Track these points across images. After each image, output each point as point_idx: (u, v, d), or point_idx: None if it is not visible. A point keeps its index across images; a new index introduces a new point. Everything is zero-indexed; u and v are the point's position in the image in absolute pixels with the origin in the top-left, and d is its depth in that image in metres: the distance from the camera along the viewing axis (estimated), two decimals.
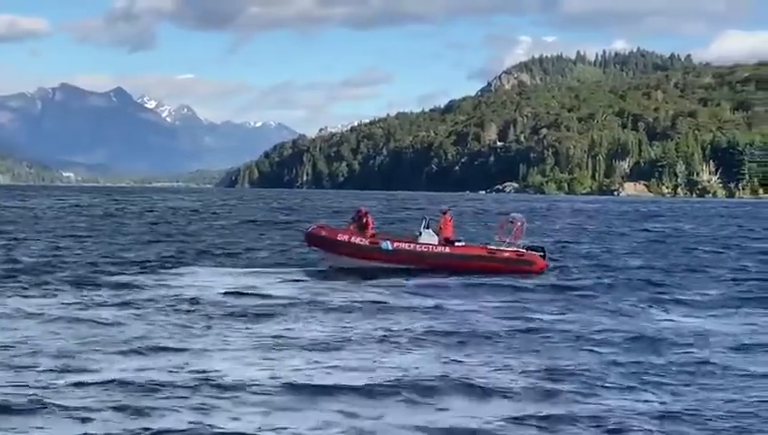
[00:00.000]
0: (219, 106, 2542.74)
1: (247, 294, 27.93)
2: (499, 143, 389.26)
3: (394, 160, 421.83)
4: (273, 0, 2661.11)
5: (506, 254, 36.22)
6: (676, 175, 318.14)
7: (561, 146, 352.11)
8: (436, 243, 36.20)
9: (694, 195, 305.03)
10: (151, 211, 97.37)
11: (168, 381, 15.87)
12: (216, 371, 16.76)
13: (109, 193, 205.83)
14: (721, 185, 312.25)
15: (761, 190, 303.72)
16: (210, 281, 31.25)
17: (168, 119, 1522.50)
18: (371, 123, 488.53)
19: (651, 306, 27.33)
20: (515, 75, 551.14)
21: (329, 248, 36.69)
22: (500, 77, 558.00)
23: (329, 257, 36.79)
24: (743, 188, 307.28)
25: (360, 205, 42.35)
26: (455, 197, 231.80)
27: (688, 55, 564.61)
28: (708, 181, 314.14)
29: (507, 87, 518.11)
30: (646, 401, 15.53)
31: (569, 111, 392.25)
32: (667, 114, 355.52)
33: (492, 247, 36.82)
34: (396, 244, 36.34)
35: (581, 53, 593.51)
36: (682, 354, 19.48)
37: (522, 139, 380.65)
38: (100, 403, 14.47)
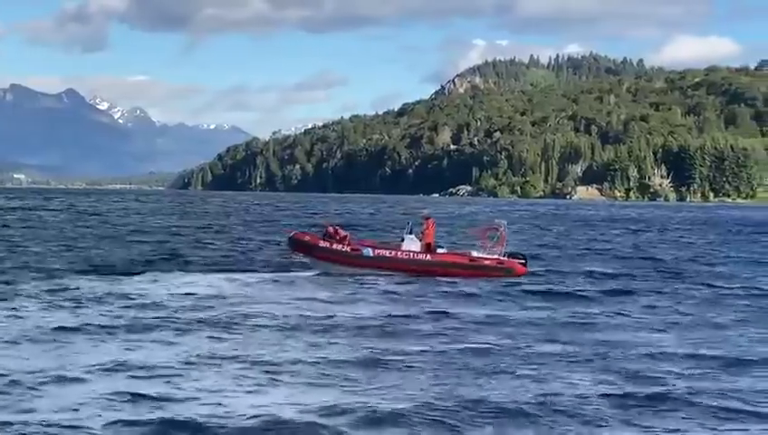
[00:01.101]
0: (172, 108, 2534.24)
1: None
2: (452, 146, 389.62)
3: (348, 163, 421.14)
4: (227, 2, 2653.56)
5: (487, 261, 36.33)
6: (628, 179, 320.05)
7: (514, 149, 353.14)
8: (418, 249, 36.40)
9: (645, 199, 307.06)
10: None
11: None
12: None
13: (56, 195, 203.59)
14: (672, 189, 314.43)
15: (711, 195, 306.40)
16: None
17: (120, 120, 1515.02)
18: (325, 126, 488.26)
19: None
20: (469, 79, 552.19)
21: (312, 254, 37.00)
22: (454, 81, 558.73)
23: (311, 263, 37.00)
24: (693, 193, 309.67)
25: (327, 222, 42.08)
26: (407, 199, 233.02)
27: (641, 60, 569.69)
28: (660, 185, 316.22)
29: (461, 90, 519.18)
30: None
31: (522, 114, 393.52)
32: (619, 118, 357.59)
33: (473, 255, 36.88)
34: (377, 251, 36.61)
35: (535, 57, 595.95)
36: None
37: (475, 142, 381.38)
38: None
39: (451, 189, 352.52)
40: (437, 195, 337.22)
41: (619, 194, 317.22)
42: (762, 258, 51.44)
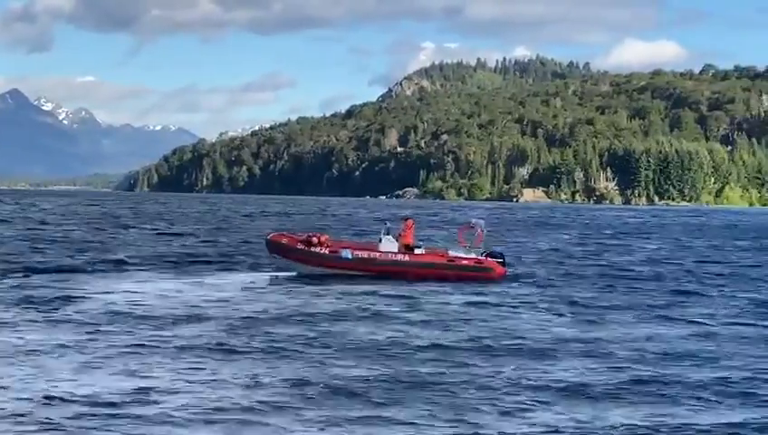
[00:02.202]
0: (119, 109, 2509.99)
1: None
2: (400, 149, 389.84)
3: (295, 165, 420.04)
4: (175, 3, 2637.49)
5: (466, 261, 36.56)
6: (574, 181, 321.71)
7: (460, 152, 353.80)
8: (396, 250, 36.55)
9: (591, 201, 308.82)
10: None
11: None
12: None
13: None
14: (618, 192, 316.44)
15: (656, 198, 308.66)
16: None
17: (65, 122, 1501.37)
18: (272, 128, 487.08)
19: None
20: (416, 81, 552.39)
21: (289, 256, 37.11)
22: (401, 83, 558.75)
23: (290, 265, 37.04)
24: (638, 196, 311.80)
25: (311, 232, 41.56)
26: (353, 201, 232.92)
27: (587, 63, 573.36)
28: (605, 188, 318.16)
29: (408, 93, 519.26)
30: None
31: (469, 117, 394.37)
32: (565, 121, 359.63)
33: (452, 255, 37.03)
34: (356, 252, 36.83)
35: (482, 60, 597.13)
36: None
37: (422, 144, 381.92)
38: None
39: (398, 192, 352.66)
40: (384, 197, 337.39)
41: (564, 197, 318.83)
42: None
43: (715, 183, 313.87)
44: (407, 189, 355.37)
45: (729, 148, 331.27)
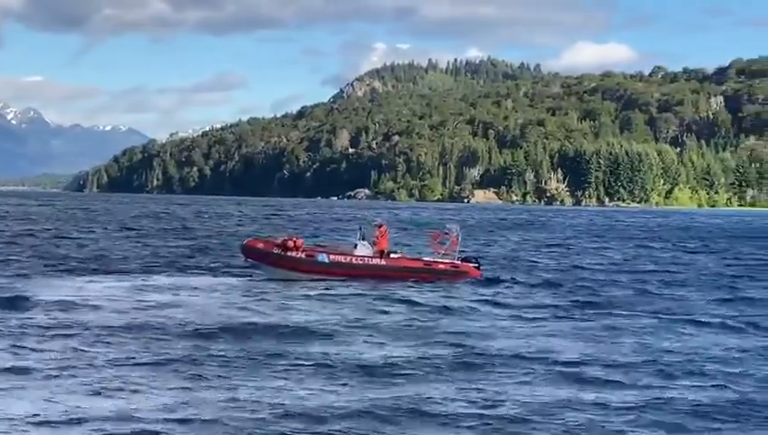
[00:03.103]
0: (68, 109, 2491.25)
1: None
2: (351, 150, 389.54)
3: (246, 166, 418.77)
4: (126, 3, 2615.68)
5: (442, 266, 36.92)
6: (525, 183, 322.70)
7: (412, 153, 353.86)
8: (371, 254, 36.64)
9: (542, 202, 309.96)
10: None
11: None
12: None
13: None
14: (568, 193, 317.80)
15: (606, 199, 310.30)
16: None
17: (13, 122, 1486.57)
18: (223, 128, 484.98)
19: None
20: (368, 82, 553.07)
21: (265, 261, 37.12)
22: (352, 84, 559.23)
23: (266, 270, 37.07)
24: (589, 197, 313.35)
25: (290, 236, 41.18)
26: (305, 203, 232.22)
27: (537, 65, 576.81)
28: (556, 189, 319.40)
29: (359, 94, 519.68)
30: None
31: (420, 118, 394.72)
32: (516, 123, 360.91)
33: (428, 259, 37.36)
34: (332, 256, 36.82)
35: (433, 61, 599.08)
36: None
37: (374, 145, 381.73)
38: None
39: (349, 193, 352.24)
40: (336, 198, 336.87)
41: (515, 198, 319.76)
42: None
43: (664, 184, 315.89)
44: (358, 190, 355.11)
45: (678, 149, 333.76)
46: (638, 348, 22.44)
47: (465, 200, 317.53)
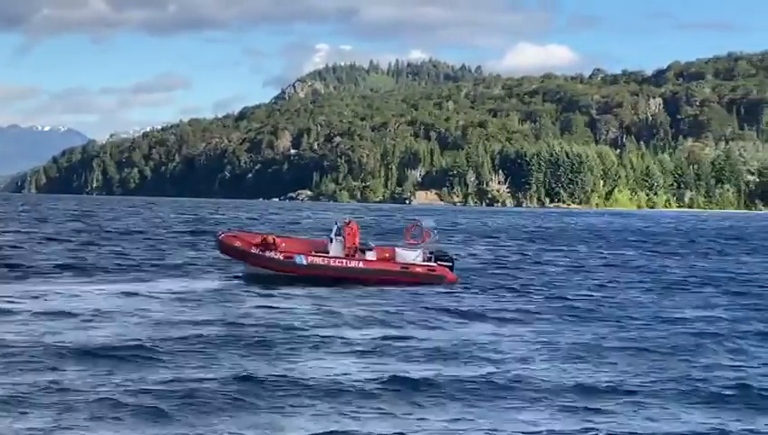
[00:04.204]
0: (6, 110, 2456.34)
1: None
2: (293, 151, 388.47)
3: (186, 167, 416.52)
4: (66, 3, 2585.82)
5: (419, 268, 37.45)
6: (466, 184, 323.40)
7: (354, 154, 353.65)
8: (345, 253, 37.29)
9: (483, 204, 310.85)
10: None
11: None
12: None
13: None
14: (509, 194, 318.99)
15: (547, 200, 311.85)
16: None
17: None
18: (164, 129, 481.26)
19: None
20: (309, 83, 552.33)
21: (243, 259, 37.71)
22: (294, 85, 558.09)
23: (244, 269, 37.78)
24: (530, 198, 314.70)
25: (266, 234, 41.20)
26: (248, 203, 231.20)
27: (479, 67, 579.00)
28: (497, 191, 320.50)
29: (301, 95, 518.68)
30: None
31: (362, 119, 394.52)
32: (457, 124, 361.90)
33: (405, 262, 37.77)
34: (310, 258, 37.05)
35: (375, 62, 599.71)
36: None
37: (315, 147, 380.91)
38: None
39: (291, 194, 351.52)
40: (277, 199, 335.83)
41: (457, 199, 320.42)
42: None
43: (604, 186, 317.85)
44: (300, 191, 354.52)
45: (618, 151, 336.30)
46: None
47: (407, 202, 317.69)
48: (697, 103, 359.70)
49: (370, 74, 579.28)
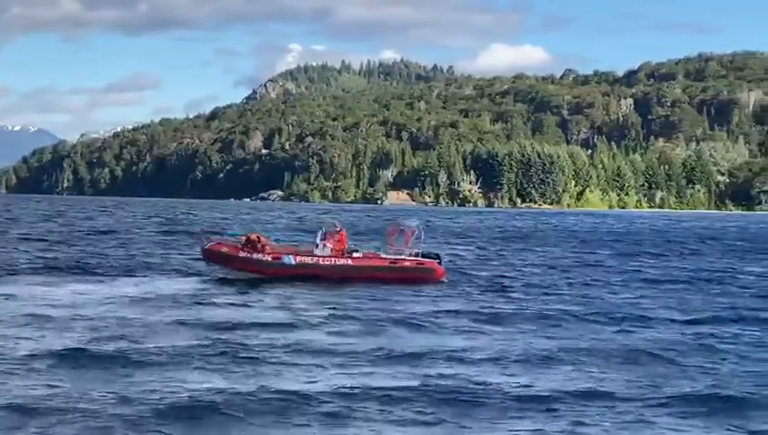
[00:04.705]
0: None
1: None
2: (264, 151, 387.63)
3: (158, 167, 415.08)
4: (37, 1, 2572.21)
5: (407, 263, 37.82)
6: (438, 184, 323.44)
7: (325, 154, 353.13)
8: (329, 253, 37.54)
9: (455, 204, 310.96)
10: None
11: None
12: None
13: None
14: (481, 194, 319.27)
15: (518, 200, 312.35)
16: None
17: None
18: (135, 129, 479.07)
19: None
20: (281, 83, 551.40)
21: (230, 265, 37.81)
22: (265, 85, 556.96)
23: (231, 273, 37.78)
24: (501, 198, 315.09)
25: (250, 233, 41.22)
26: (220, 204, 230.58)
27: (450, 67, 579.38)
28: (469, 191, 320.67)
29: (273, 95, 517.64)
30: None
31: (333, 119, 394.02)
32: (429, 124, 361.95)
33: (394, 258, 38.13)
34: (298, 258, 37.55)
35: (346, 63, 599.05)
36: None
37: (286, 147, 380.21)
38: None
39: (262, 194, 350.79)
40: (249, 199, 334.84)
41: (429, 199, 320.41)
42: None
43: (575, 186, 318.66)
44: (271, 192, 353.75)
45: (589, 151, 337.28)
46: None
47: (379, 202, 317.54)
48: (668, 104, 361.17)
49: (342, 74, 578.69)
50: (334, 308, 29.72)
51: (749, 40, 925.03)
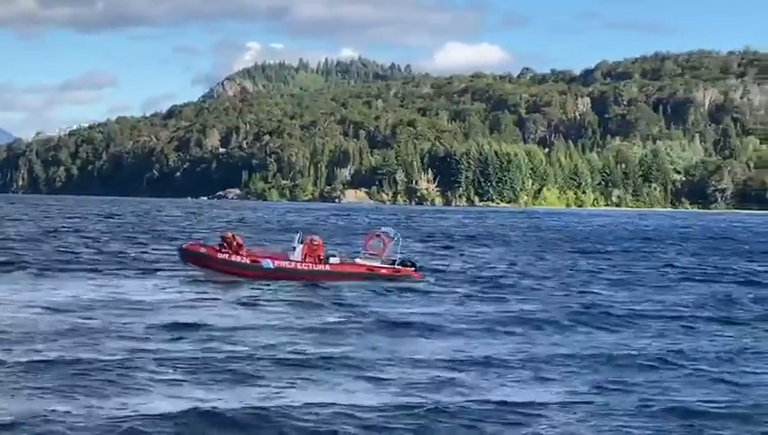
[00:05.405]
0: None
1: None
2: (222, 150, 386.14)
3: (114, 165, 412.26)
4: None
5: (384, 270, 38.21)
6: (395, 183, 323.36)
7: (283, 153, 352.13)
8: (303, 258, 37.77)
9: (413, 202, 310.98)
10: None
11: None
12: None
13: None
14: (438, 193, 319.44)
15: (476, 199, 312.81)
16: None
17: None
18: (91, 127, 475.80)
19: None
20: (238, 82, 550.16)
21: (209, 266, 37.62)
22: (223, 83, 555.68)
23: (209, 275, 37.46)
24: (459, 197, 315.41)
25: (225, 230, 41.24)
26: (177, 202, 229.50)
27: (408, 65, 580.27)
28: (426, 189, 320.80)
29: (230, 93, 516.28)
30: None
31: (291, 118, 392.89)
32: (387, 123, 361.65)
33: (371, 265, 38.47)
34: (277, 262, 37.63)
35: (304, 61, 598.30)
36: None
37: (244, 145, 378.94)
38: None
39: (220, 192, 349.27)
40: (206, 198, 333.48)
41: (386, 197, 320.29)
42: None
43: (533, 184, 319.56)
44: (229, 190, 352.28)
45: (546, 150, 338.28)
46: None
47: (337, 200, 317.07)
48: (625, 103, 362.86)
49: (300, 73, 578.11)
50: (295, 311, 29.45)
51: (704, 39, 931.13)
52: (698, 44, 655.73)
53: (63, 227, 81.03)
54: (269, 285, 35.61)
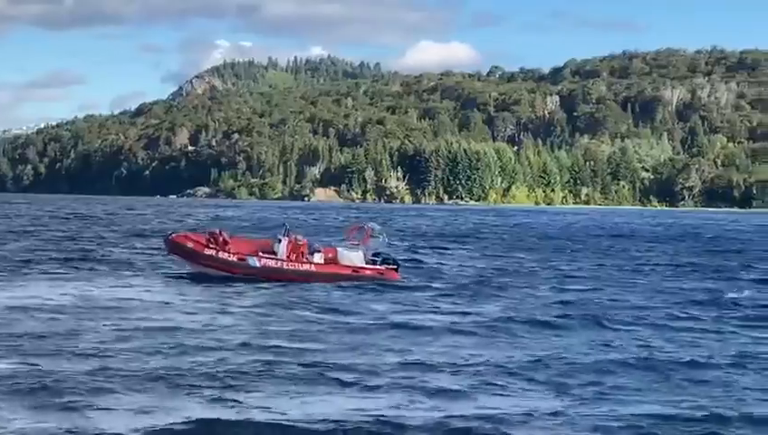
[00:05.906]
0: None
1: None
2: (191, 148, 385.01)
3: (82, 164, 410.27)
4: None
5: (368, 271, 38.10)
6: (365, 181, 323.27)
7: (252, 151, 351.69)
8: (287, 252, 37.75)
9: (382, 200, 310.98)
10: None
11: None
12: None
13: None
14: (408, 191, 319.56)
15: (446, 197, 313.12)
16: None
17: None
18: (59, 125, 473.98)
19: None
20: (207, 80, 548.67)
21: (194, 260, 37.67)
22: (192, 81, 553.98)
23: (194, 269, 37.67)
24: (429, 195, 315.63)
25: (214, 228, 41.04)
26: (146, 201, 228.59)
27: (377, 64, 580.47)
28: (396, 187, 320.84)
29: (199, 91, 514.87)
30: None
31: (260, 116, 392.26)
32: (356, 121, 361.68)
33: (355, 266, 38.36)
34: (263, 260, 37.49)
35: (273, 59, 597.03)
36: None
37: (213, 143, 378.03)
38: None
39: (189, 190, 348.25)
40: (175, 196, 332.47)
41: (356, 196, 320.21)
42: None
43: (502, 182, 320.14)
44: (198, 188, 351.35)
45: (515, 148, 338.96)
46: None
47: (306, 198, 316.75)
48: (593, 101, 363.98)
49: (269, 71, 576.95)
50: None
51: (672, 38, 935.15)
52: (666, 43, 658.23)
53: (31, 225, 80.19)
54: (249, 284, 35.39)
